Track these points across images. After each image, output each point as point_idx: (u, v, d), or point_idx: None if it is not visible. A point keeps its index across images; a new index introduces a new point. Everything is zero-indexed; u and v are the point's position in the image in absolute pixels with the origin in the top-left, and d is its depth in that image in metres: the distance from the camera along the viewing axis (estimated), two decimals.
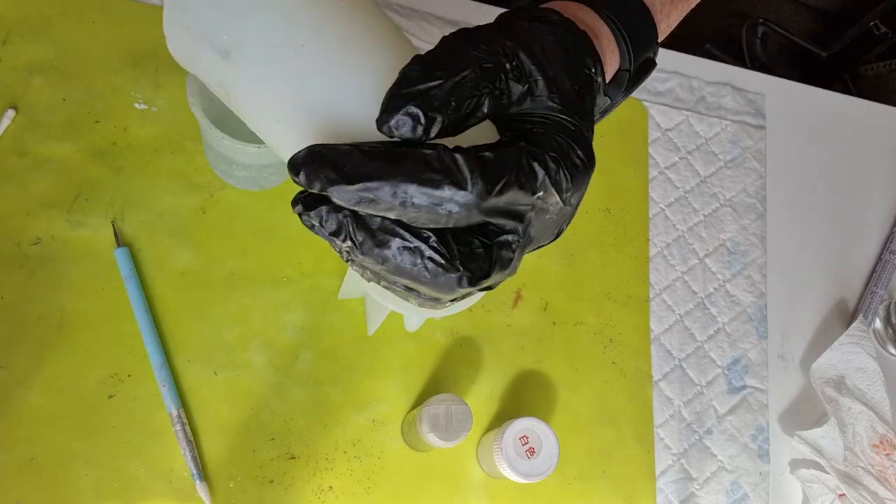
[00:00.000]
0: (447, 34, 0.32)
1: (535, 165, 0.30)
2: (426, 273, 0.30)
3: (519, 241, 0.31)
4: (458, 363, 0.58)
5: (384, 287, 0.32)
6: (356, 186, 0.28)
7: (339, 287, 0.56)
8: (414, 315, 0.52)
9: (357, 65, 0.34)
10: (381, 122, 0.29)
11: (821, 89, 0.79)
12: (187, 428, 0.51)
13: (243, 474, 0.52)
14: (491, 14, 0.46)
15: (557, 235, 0.35)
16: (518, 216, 0.31)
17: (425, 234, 0.29)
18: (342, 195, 0.28)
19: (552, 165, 0.30)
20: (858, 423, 0.63)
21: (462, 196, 0.28)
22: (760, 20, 1.23)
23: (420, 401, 0.56)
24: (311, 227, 0.30)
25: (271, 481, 0.52)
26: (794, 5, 1.26)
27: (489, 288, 0.33)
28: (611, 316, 0.63)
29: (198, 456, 0.51)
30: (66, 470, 0.49)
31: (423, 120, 0.29)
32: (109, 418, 0.50)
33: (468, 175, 0.28)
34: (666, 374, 0.63)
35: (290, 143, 0.34)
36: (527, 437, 0.52)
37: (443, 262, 0.30)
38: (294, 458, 0.53)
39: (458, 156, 0.29)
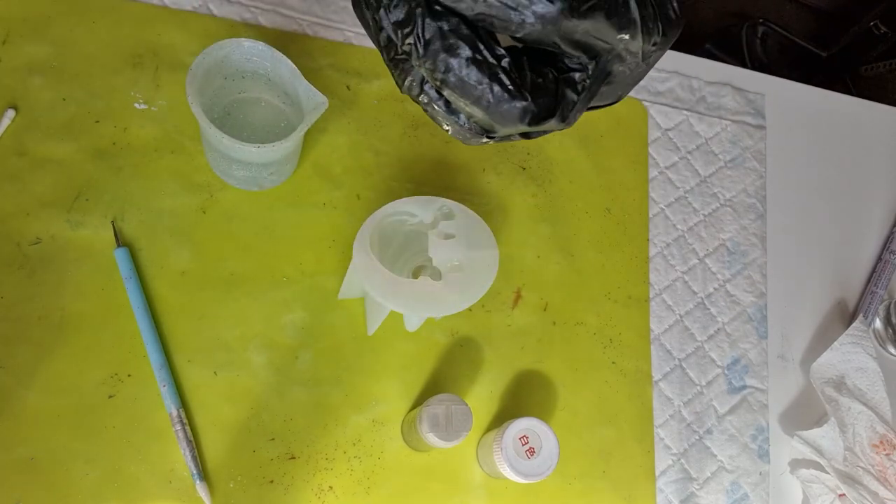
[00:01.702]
0: None
1: (631, 1, 0.27)
2: (489, 95, 0.26)
3: (586, 85, 0.28)
4: (458, 363, 0.58)
5: (435, 98, 0.28)
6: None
7: (339, 287, 0.56)
8: (414, 315, 0.52)
9: None
10: None
11: (821, 89, 0.79)
12: (187, 428, 0.51)
13: (243, 474, 0.52)
14: None
15: (619, 98, 0.31)
16: (594, 53, 0.27)
17: (499, 52, 0.26)
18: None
19: (649, 10, 0.27)
20: (858, 423, 0.63)
21: (543, 6, 0.25)
22: (760, 20, 1.23)
23: (420, 401, 0.56)
24: (376, 6, 0.26)
25: (271, 481, 0.52)
26: (794, 5, 1.26)
27: (537, 133, 0.29)
28: (611, 316, 0.63)
29: (198, 456, 0.51)
30: (66, 470, 0.49)
31: None
32: (109, 418, 0.50)
33: None
34: (666, 374, 0.63)
35: None
36: (527, 437, 0.52)
37: (511, 87, 0.26)
38: (294, 458, 0.53)
39: None
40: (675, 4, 0.28)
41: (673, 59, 0.73)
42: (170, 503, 0.50)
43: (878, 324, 0.71)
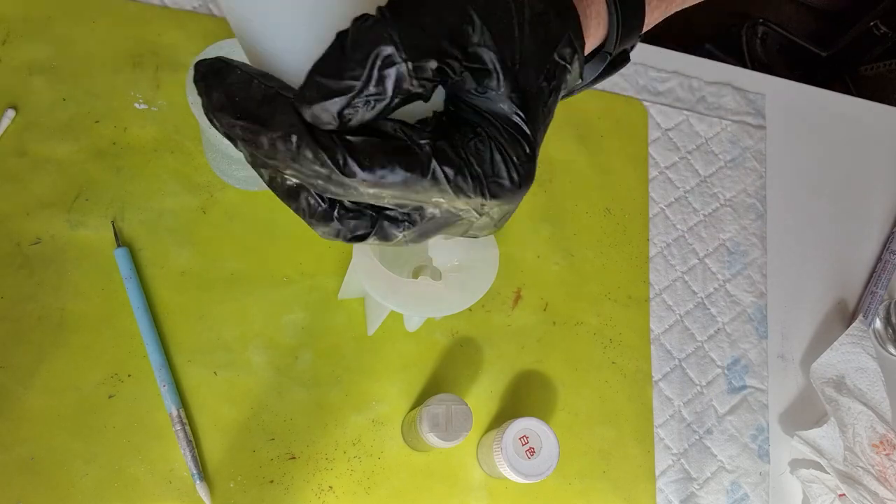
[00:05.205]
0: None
1: (449, 178, 0.26)
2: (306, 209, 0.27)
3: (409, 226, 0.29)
4: (458, 363, 0.58)
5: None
6: (234, 122, 0.25)
7: (339, 287, 0.56)
8: (414, 315, 0.52)
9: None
10: (299, 101, 0.25)
11: (821, 89, 0.79)
12: (187, 428, 0.51)
13: (243, 474, 0.52)
14: None
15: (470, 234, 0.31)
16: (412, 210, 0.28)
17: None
18: (221, 122, 0.26)
19: (469, 184, 0.27)
20: (858, 423, 0.63)
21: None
22: (760, 20, 1.23)
23: (420, 401, 0.56)
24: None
25: (271, 481, 0.52)
26: (794, 5, 1.25)
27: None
28: (611, 316, 0.63)
29: (198, 456, 0.51)
30: (66, 470, 0.49)
31: (337, 120, 0.25)
32: (109, 418, 0.50)
33: (356, 174, 0.25)
34: (666, 374, 0.63)
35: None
36: (527, 437, 0.52)
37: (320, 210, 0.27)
38: (294, 458, 0.53)
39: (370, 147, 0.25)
40: (513, 173, 0.28)
41: (673, 59, 0.73)
42: (170, 503, 0.50)
43: (878, 324, 0.71)
